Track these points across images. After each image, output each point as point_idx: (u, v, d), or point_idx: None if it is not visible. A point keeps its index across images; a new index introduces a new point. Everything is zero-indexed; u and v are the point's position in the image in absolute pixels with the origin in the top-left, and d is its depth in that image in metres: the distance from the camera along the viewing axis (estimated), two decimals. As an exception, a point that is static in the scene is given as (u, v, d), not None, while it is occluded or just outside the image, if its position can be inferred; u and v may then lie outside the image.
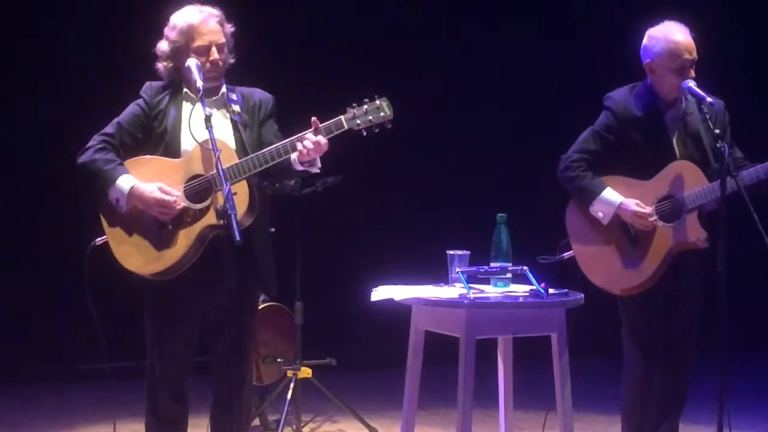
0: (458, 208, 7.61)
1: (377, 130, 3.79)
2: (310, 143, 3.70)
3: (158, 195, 3.77)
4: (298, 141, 3.72)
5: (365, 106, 3.76)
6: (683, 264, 4.19)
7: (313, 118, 3.74)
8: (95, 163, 3.83)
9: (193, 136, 3.79)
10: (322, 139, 3.72)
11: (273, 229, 5.25)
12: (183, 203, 3.79)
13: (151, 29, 4.06)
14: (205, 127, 3.62)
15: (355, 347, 7.21)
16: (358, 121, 3.75)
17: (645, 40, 4.27)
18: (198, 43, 3.87)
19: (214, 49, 3.87)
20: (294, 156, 3.75)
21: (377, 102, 3.77)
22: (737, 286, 4.22)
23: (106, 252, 3.90)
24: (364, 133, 3.78)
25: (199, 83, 3.74)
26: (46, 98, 6.85)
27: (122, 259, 3.85)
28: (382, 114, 3.77)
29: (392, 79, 7.48)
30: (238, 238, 3.36)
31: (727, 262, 3.78)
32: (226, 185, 3.49)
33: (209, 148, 3.67)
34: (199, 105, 3.76)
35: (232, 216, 3.40)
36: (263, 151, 3.77)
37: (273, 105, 4.04)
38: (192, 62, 3.82)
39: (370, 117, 3.76)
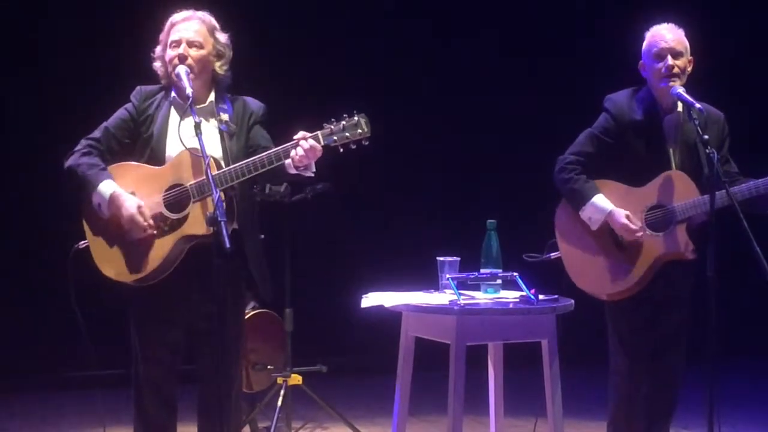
0: (448, 215, 7.60)
1: (354, 147, 3.74)
2: (304, 148, 3.67)
3: (134, 212, 3.74)
4: (291, 148, 3.69)
5: (343, 122, 3.72)
6: (672, 271, 4.17)
7: (301, 132, 3.71)
8: (80, 167, 3.82)
9: (182, 142, 3.75)
10: (317, 145, 3.70)
11: (263, 236, 5.24)
12: (154, 231, 3.76)
13: (135, 34, 4.04)
14: (195, 134, 3.61)
15: (345, 354, 7.21)
16: (335, 137, 3.71)
17: None
18: (171, 37, 3.87)
19: (184, 44, 3.84)
20: (288, 160, 3.73)
21: (355, 118, 3.73)
22: (726, 293, 4.22)
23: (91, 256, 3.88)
24: (341, 150, 3.73)
25: (189, 90, 3.72)
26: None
27: (101, 264, 3.84)
28: (359, 131, 3.71)
29: (385, 88, 7.53)
30: (227, 245, 3.34)
31: (717, 268, 3.78)
32: (216, 192, 3.48)
33: (198, 155, 3.65)
34: (186, 112, 3.73)
35: (222, 223, 3.38)
36: (254, 158, 3.74)
37: (264, 113, 4.01)
38: (182, 69, 3.79)
39: (347, 133, 3.71)
